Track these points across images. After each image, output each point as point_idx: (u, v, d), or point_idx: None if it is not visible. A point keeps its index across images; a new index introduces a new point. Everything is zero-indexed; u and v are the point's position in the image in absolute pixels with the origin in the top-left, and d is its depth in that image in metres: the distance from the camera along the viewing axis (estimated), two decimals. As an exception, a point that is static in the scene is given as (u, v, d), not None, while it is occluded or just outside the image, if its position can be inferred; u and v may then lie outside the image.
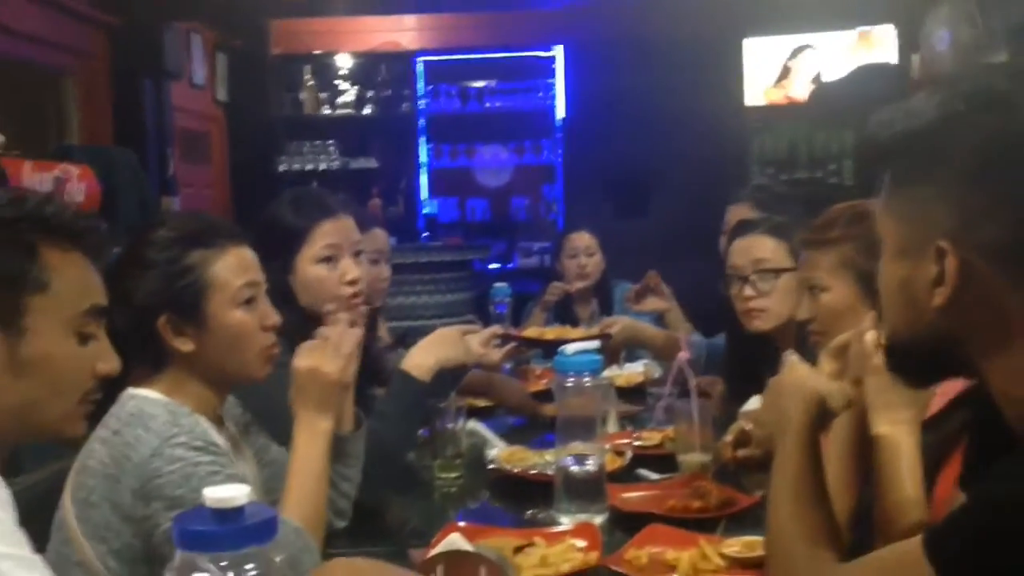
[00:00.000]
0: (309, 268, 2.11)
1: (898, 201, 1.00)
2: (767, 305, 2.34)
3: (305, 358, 1.65)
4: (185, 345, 1.55)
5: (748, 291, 2.35)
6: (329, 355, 1.65)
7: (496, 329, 2.34)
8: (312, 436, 1.60)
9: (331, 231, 2.12)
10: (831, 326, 1.74)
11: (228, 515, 0.84)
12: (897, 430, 1.31)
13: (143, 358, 1.55)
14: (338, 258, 2.13)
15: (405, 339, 2.92)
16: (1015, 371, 0.93)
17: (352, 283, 2.13)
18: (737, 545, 1.58)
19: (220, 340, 1.56)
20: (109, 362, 1.24)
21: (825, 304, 1.85)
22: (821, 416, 1.27)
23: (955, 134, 0.93)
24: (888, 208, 1.02)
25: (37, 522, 1.48)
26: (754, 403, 2.29)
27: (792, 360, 1.36)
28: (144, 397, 1.52)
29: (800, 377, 1.32)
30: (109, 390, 1.29)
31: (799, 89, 6.06)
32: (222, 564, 0.84)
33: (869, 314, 1.44)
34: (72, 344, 1.19)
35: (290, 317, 2.02)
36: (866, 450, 1.36)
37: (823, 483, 1.22)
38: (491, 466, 2.15)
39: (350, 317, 1.77)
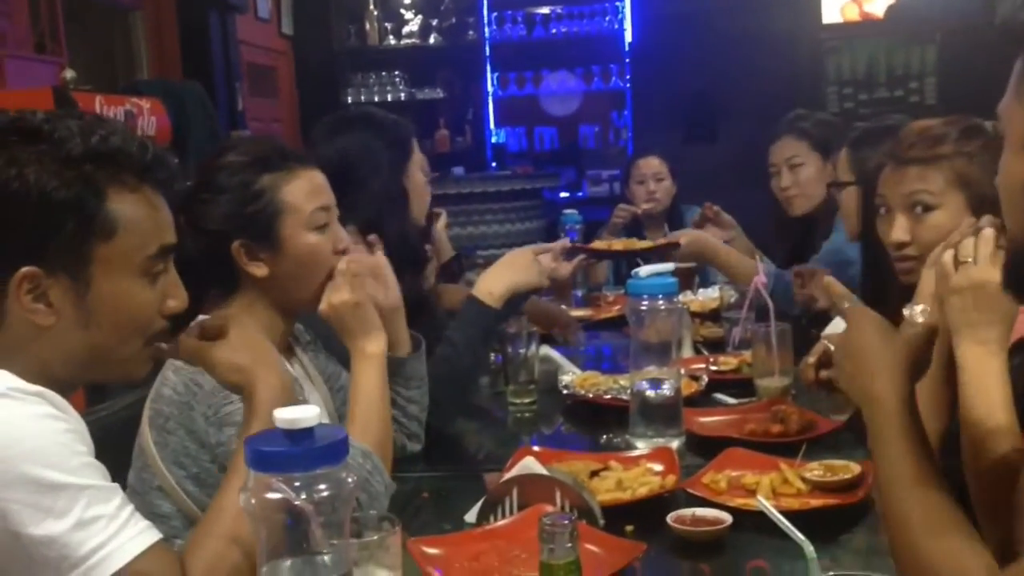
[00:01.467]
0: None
1: (1014, 86, 0.92)
2: (842, 216, 2.41)
3: (323, 302, 1.59)
4: (259, 270, 1.54)
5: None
6: (337, 286, 1.58)
7: (565, 242, 2.30)
8: (363, 360, 1.57)
9: None
10: (933, 248, 1.61)
11: (299, 436, 0.84)
12: (981, 351, 1.23)
13: (215, 284, 1.55)
14: None
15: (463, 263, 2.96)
16: None
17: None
18: (818, 469, 1.54)
19: (294, 264, 1.55)
20: (177, 298, 1.19)
21: (932, 224, 1.67)
22: (914, 371, 1.14)
23: None
24: (1020, 96, 0.93)
25: (122, 447, 1.51)
26: (836, 325, 2.23)
27: (850, 313, 1.23)
28: None
29: (873, 340, 1.16)
30: (182, 315, 1.27)
31: (878, 5, 5.81)
32: (295, 485, 0.83)
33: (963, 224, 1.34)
34: (142, 287, 1.14)
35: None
36: (954, 373, 1.29)
37: (936, 464, 1.08)
38: (565, 391, 2.13)
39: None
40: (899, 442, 1.07)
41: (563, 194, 6.09)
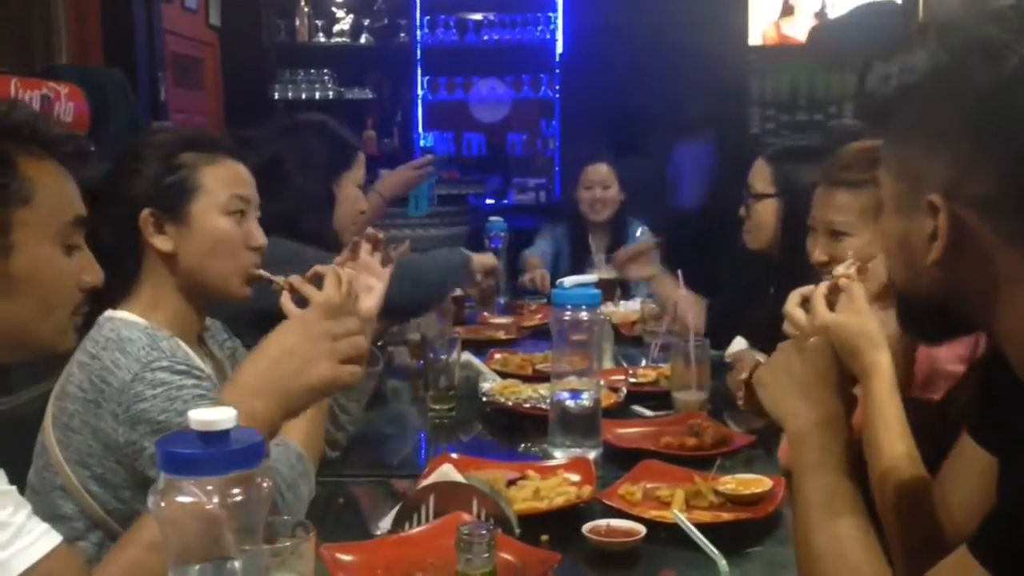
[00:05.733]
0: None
1: (894, 157, 0.98)
2: (750, 226, 2.44)
3: (370, 299, 1.63)
4: (164, 244, 1.51)
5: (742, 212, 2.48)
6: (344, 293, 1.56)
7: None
8: None
9: None
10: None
11: (214, 438, 0.82)
12: (865, 380, 1.23)
13: (121, 263, 1.50)
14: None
15: None
16: (1015, 326, 0.90)
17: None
18: (731, 482, 1.57)
19: (200, 244, 1.52)
20: (93, 273, 1.19)
21: (849, 246, 1.74)
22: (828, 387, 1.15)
23: (943, 87, 0.90)
24: (886, 165, 0.99)
25: (22, 443, 1.46)
26: (738, 344, 2.28)
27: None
28: (122, 320, 1.47)
29: (789, 362, 1.17)
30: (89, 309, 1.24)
31: (802, 27, 5.95)
32: (208, 488, 0.81)
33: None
34: (60, 257, 1.15)
35: None
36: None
37: (854, 489, 1.07)
38: (485, 399, 2.13)
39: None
40: (813, 470, 1.08)
41: (489, 201, 6.10)
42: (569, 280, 1.83)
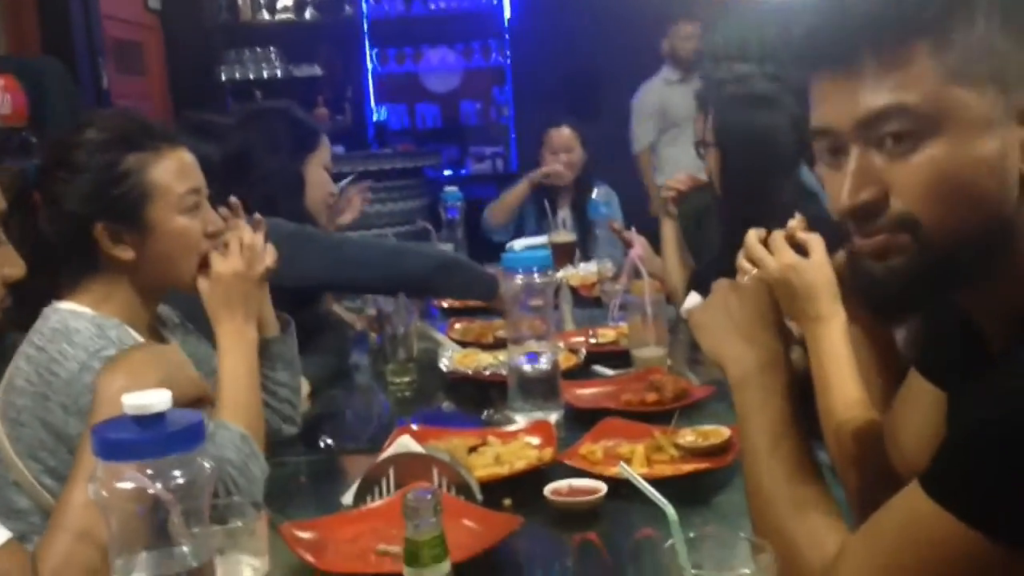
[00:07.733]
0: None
1: (953, 66, 0.83)
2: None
3: (225, 263, 1.55)
4: (125, 253, 1.47)
5: None
6: (230, 254, 1.56)
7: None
8: (240, 343, 1.53)
9: None
10: None
11: (149, 422, 0.80)
12: (820, 325, 1.24)
13: (73, 265, 1.47)
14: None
15: None
16: None
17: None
18: (690, 435, 1.57)
19: (164, 247, 1.49)
20: (14, 267, 1.16)
21: None
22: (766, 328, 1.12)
23: None
24: (948, 79, 0.83)
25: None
26: (693, 299, 2.28)
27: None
28: (68, 311, 1.44)
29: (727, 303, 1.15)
30: (36, 302, 1.21)
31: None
32: (148, 472, 0.80)
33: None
34: None
35: None
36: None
37: (798, 431, 1.06)
38: (445, 369, 2.12)
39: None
40: (757, 413, 1.07)
41: (446, 172, 6.06)
42: (519, 243, 1.82)
